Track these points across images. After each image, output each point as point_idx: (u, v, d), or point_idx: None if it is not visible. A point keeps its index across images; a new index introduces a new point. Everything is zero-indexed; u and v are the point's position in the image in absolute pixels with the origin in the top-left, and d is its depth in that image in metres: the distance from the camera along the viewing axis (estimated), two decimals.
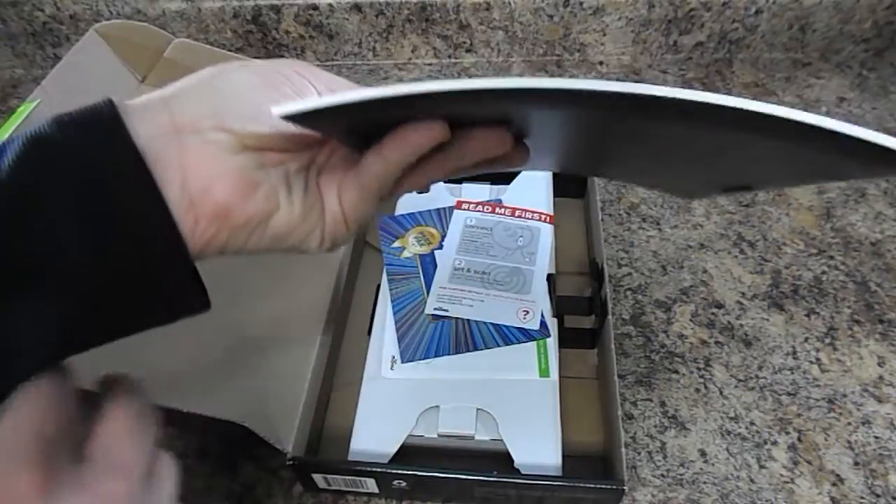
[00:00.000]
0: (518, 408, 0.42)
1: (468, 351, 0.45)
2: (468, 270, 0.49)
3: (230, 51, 0.71)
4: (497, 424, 0.42)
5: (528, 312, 0.47)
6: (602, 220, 0.57)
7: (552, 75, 0.72)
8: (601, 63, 0.73)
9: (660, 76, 0.71)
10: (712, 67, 0.72)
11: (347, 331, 0.50)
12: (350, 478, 0.40)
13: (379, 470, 0.39)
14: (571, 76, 0.72)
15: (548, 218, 0.52)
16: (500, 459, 0.41)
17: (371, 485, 0.40)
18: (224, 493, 0.43)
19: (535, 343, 0.45)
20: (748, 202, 0.59)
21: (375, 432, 0.42)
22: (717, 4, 0.68)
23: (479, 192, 0.55)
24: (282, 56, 0.73)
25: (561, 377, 0.45)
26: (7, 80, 0.73)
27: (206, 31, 0.70)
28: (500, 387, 0.43)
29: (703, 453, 0.45)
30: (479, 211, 0.53)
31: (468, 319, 0.46)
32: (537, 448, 0.41)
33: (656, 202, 0.59)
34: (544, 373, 0.44)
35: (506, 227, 0.52)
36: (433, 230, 0.52)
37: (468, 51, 0.73)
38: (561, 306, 0.49)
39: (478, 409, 0.42)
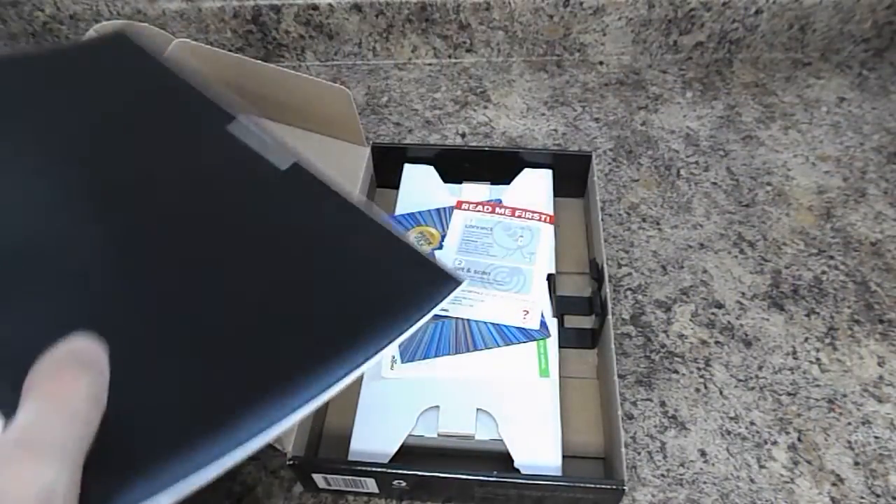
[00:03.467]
0: (518, 408, 0.42)
1: (468, 351, 0.45)
2: (468, 270, 0.49)
3: (230, 51, 0.71)
4: (497, 424, 0.42)
5: (528, 312, 0.47)
6: (602, 220, 0.57)
7: (552, 75, 0.72)
8: (601, 63, 0.73)
9: (660, 76, 0.71)
10: (712, 67, 0.72)
11: None
12: (350, 478, 0.40)
13: (379, 470, 0.39)
14: (571, 76, 0.72)
15: (548, 218, 0.52)
16: (500, 459, 0.41)
17: (371, 485, 0.40)
18: (224, 493, 0.43)
19: (535, 343, 0.45)
20: (748, 202, 0.59)
21: (375, 432, 0.42)
22: (717, 4, 0.68)
23: (478, 192, 0.55)
24: (282, 57, 0.73)
25: (561, 377, 0.45)
26: None
27: (206, 31, 0.70)
28: (500, 387, 0.43)
29: (703, 453, 0.45)
30: (479, 211, 0.53)
31: (468, 319, 0.46)
32: (537, 448, 0.41)
33: (656, 202, 0.59)
34: (544, 373, 0.44)
35: (506, 227, 0.52)
36: (433, 230, 0.52)
37: (468, 51, 0.73)
38: (561, 306, 0.49)
39: (478, 409, 0.42)
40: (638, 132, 0.66)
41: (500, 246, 0.51)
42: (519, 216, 0.52)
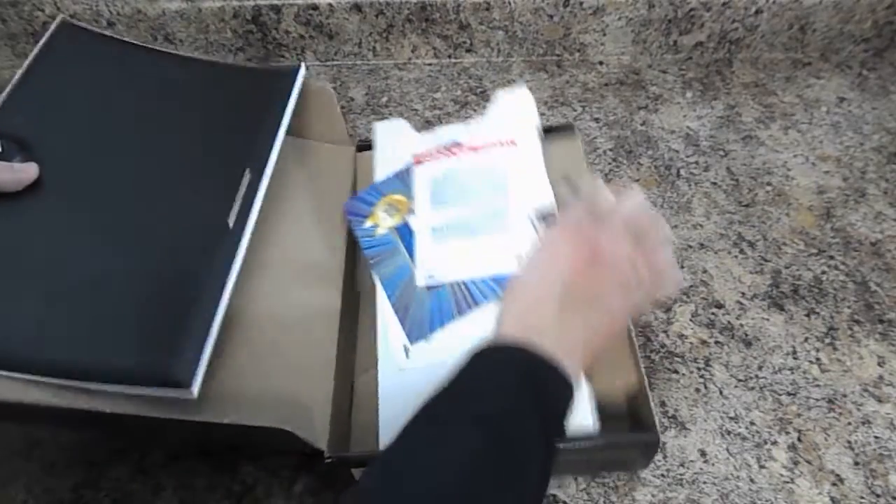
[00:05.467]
0: None
1: (470, 309, 0.43)
2: (446, 228, 0.47)
3: (230, 51, 0.72)
4: None
5: (520, 257, 0.46)
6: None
7: (552, 75, 0.72)
8: (601, 63, 0.73)
9: (660, 76, 0.71)
10: (712, 67, 0.72)
11: (360, 324, 0.49)
12: None
13: None
14: (571, 76, 0.72)
15: (508, 142, 0.49)
16: None
17: None
18: (224, 492, 0.43)
19: None
20: (748, 202, 0.59)
21: (402, 422, 0.41)
22: (717, 4, 0.68)
23: (455, 131, 0.52)
24: (282, 57, 0.73)
25: None
26: (7, 80, 0.73)
27: (206, 31, 0.70)
28: None
29: (703, 453, 0.45)
30: (438, 159, 0.50)
31: (463, 281, 0.44)
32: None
33: (656, 202, 0.59)
34: None
35: (470, 170, 0.49)
36: (400, 197, 0.49)
37: (468, 51, 0.73)
38: None
39: None
40: (638, 132, 0.66)
41: (472, 191, 0.48)
42: (480, 149, 0.49)
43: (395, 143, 0.52)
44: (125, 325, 0.38)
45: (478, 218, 0.46)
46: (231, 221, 0.43)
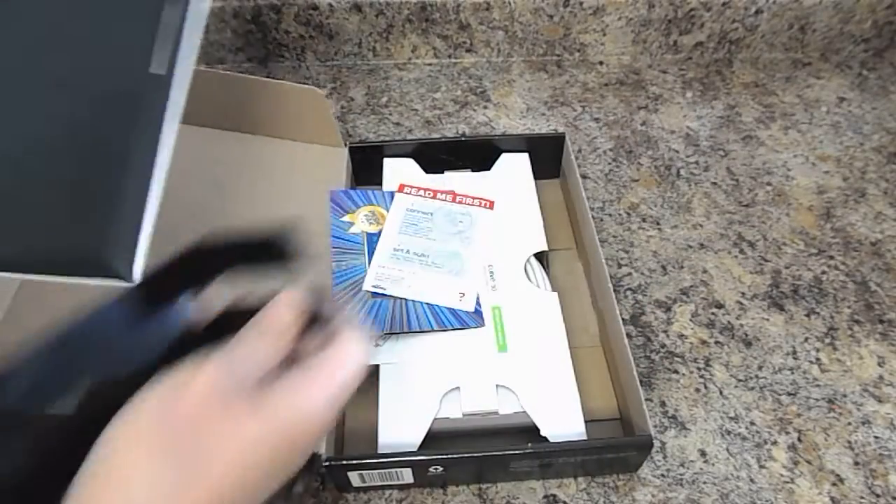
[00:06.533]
0: (536, 378, 0.43)
1: (401, 332, 0.45)
2: (407, 251, 0.49)
3: (230, 50, 0.72)
4: (517, 397, 0.42)
5: (463, 295, 0.47)
6: (602, 219, 0.57)
7: (552, 75, 0.72)
8: (601, 63, 0.73)
9: (660, 76, 0.71)
10: (712, 67, 0.72)
11: None
12: (386, 471, 0.40)
13: (416, 458, 0.39)
14: (571, 76, 0.72)
15: (488, 204, 0.53)
16: (523, 432, 0.41)
17: (408, 475, 0.40)
18: None
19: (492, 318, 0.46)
20: (748, 202, 0.59)
21: (401, 422, 0.42)
22: (717, 4, 0.68)
23: (461, 179, 0.55)
24: (282, 57, 0.73)
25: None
26: None
27: (206, 30, 0.70)
28: (515, 360, 0.44)
29: (703, 453, 0.45)
30: (420, 196, 0.53)
31: (405, 301, 0.47)
32: (561, 415, 0.41)
33: (656, 202, 0.59)
34: (502, 348, 0.44)
35: (446, 213, 0.52)
36: (383, 211, 0.52)
37: (468, 51, 0.73)
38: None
39: (497, 385, 0.43)
40: (638, 132, 0.66)
41: (440, 230, 0.51)
42: (460, 202, 0.53)
43: (401, 179, 0.55)
44: (42, 205, 0.32)
45: (436, 254, 0.49)
46: (155, 65, 0.35)
